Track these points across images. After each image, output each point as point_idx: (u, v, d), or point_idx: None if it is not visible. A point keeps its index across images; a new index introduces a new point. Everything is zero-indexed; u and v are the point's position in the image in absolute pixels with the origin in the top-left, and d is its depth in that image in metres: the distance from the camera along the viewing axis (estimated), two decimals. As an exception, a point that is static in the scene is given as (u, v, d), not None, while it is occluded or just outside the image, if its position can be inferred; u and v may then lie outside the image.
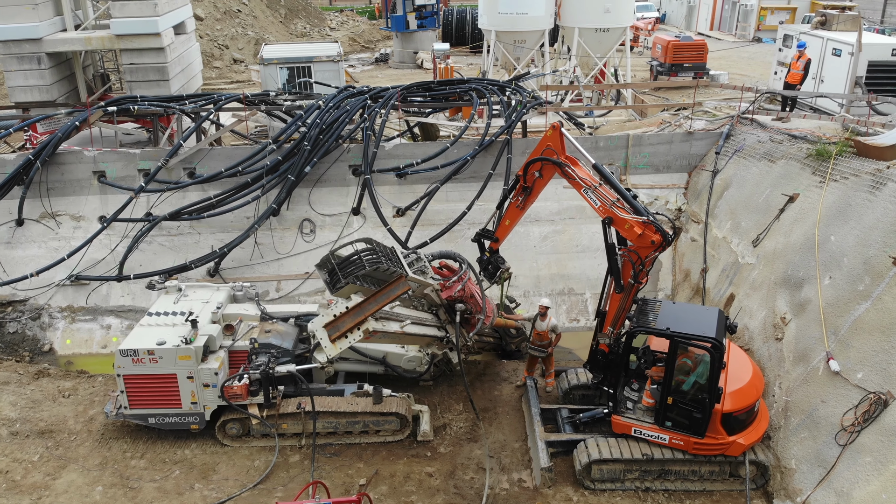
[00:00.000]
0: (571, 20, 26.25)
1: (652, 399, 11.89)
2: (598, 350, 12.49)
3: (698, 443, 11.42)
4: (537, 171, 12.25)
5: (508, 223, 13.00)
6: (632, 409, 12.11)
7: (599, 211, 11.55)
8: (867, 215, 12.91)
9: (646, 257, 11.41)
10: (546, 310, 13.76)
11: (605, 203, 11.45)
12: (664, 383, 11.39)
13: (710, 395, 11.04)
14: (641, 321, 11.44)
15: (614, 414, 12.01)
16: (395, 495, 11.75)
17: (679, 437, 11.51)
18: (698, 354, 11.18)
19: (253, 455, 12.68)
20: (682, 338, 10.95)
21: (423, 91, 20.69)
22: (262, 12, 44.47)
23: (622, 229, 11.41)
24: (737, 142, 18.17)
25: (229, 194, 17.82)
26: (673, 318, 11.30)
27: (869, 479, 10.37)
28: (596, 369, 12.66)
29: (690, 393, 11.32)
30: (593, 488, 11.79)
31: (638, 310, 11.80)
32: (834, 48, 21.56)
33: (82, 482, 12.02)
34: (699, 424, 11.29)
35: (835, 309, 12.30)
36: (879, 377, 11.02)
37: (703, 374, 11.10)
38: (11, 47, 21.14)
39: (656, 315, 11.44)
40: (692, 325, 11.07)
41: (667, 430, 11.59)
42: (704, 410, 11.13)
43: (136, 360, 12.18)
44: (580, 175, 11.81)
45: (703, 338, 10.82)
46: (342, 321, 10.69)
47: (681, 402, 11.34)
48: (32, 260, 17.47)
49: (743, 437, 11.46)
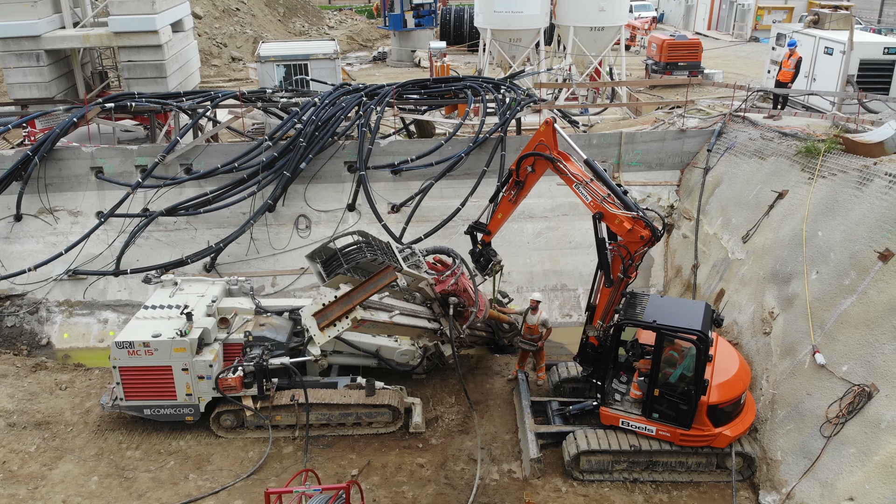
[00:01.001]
0: (567, 19, 26.41)
1: (640, 391, 12.06)
2: (588, 343, 12.66)
3: (685, 434, 11.59)
4: (530, 166, 12.42)
5: (501, 216, 13.17)
6: (620, 402, 12.28)
7: (590, 206, 11.71)
8: (854, 211, 13.07)
9: (635, 252, 11.59)
10: (537, 304, 13.93)
11: (595, 198, 11.61)
12: (651, 375, 11.56)
13: (696, 388, 11.19)
14: (629, 314, 11.62)
15: (603, 406, 12.18)
16: (387, 485, 11.92)
17: (666, 428, 11.67)
18: (685, 347, 11.35)
19: (247, 446, 12.85)
20: (668, 330, 11.12)
21: (419, 89, 20.85)
22: (260, 11, 44.61)
23: (612, 224, 11.58)
24: (728, 139, 18.34)
25: (225, 190, 17.98)
26: (660, 311, 11.47)
27: (853, 470, 10.53)
28: (585, 362, 12.83)
29: (677, 385, 11.49)
30: (582, 479, 11.96)
31: (626, 303, 11.97)
32: (826, 47, 21.71)
33: (78, 472, 12.18)
34: (685, 416, 11.45)
35: (821, 303, 12.47)
36: (864, 370, 11.18)
37: (689, 367, 11.27)
38: (10, 44, 21.31)
39: (644, 308, 11.62)
40: (678, 318, 11.23)
41: (654, 422, 11.75)
42: (690, 402, 11.30)
43: (131, 352, 12.34)
44: (572, 170, 12.00)
45: (689, 330, 10.99)
46: (331, 310, 10.87)
47: (668, 394, 11.51)
48: (30, 255, 17.63)
49: (729, 428, 11.63)
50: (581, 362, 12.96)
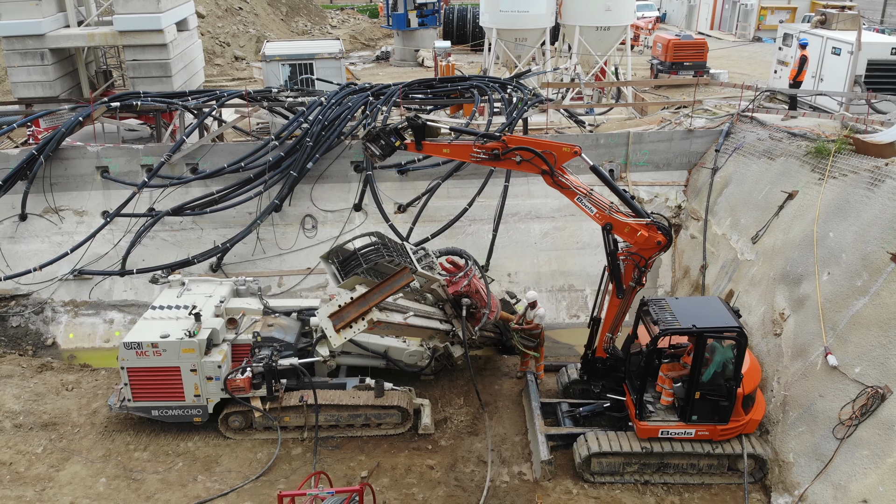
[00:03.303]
0: (572, 18, 26.31)
1: (671, 397, 11.92)
2: (596, 358, 12.44)
3: (724, 429, 11.71)
4: (519, 157, 11.08)
5: (447, 151, 11.87)
6: (654, 412, 11.99)
7: (597, 218, 11.28)
8: (865, 212, 13.00)
9: (649, 258, 11.44)
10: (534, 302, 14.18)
11: (602, 209, 11.23)
12: (691, 378, 11.42)
13: (736, 381, 11.33)
14: (667, 322, 11.27)
15: (640, 420, 11.85)
16: (397, 487, 11.85)
17: (705, 427, 11.73)
18: (716, 345, 11.33)
19: (255, 448, 12.79)
20: (711, 332, 11.11)
21: (425, 88, 20.78)
22: (263, 10, 44.51)
23: (622, 233, 11.31)
24: (736, 139, 18.27)
25: (231, 190, 17.91)
26: (688, 314, 11.39)
27: (866, 473, 10.47)
28: (594, 377, 12.62)
29: (713, 383, 11.47)
30: (593, 481, 11.90)
31: (653, 311, 11.64)
32: (833, 47, 21.64)
33: (86, 474, 12.12)
34: (725, 411, 11.56)
35: (833, 304, 12.40)
36: (877, 371, 11.11)
37: (720, 363, 11.32)
38: (15, 43, 21.22)
39: (672, 313, 11.42)
40: (710, 318, 11.33)
41: (692, 425, 11.72)
42: (731, 397, 11.40)
43: (139, 353, 12.27)
44: (574, 183, 11.39)
45: (729, 328, 11.14)
46: (347, 311, 10.79)
47: (707, 393, 11.50)
48: (36, 254, 17.55)
49: (753, 412, 11.87)
50: (589, 378, 12.73)
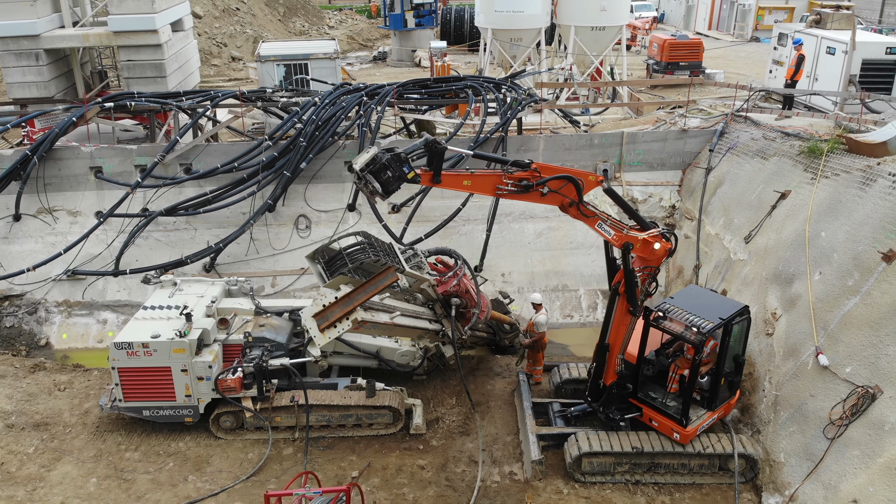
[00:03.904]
0: (568, 18, 26.34)
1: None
2: (612, 384, 12.15)
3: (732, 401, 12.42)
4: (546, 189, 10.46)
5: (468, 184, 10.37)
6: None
7: (614, 241, 10.97)
8: (857, 211, 12.99)
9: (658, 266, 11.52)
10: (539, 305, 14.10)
11: (619, 231, 10.93)
12: (717, 368, 11.54)
13: (743, 353, 12.11)
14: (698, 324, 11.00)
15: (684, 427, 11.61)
16: (388, 487, 11.84)
17: (722, 408, 12.20)
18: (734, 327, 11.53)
19: (246, 448, 12.78)
20: (735, 318, 11.38)
21: (420, 88, 20.77)
22: (260, 10, 44.53)
23: (638, 250, 11.09)
24: (730, 139, 18.26)
25: (225, 190, 17.91)
26: (700, 308, 11.39)
27: (856, 472, 10.46)
28: (611, 403, 12.28)
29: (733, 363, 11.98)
30: (583, 481, 11.88)
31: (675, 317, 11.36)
32: (828, 46, 21.63)
33: (77, 474, 12.11)
34: (735, 386, 12.32)
35: (824, 304, 12.39)
36: (867, 371, 11.10)
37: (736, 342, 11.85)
38: (9, 44, 21.24)
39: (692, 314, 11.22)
40: (717, 306, 11.57)
41: (715, 411, 12.03)
42: (741, 370, 12.26)
43: (130, 353, 12.26)
44: (598, 211, 10.98)
45: (741, 310, 11.57)
46: (331, 311, 10.79)
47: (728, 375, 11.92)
48: (29, 255, 17.55)
49: None
50: (604, 406, 12.31)
